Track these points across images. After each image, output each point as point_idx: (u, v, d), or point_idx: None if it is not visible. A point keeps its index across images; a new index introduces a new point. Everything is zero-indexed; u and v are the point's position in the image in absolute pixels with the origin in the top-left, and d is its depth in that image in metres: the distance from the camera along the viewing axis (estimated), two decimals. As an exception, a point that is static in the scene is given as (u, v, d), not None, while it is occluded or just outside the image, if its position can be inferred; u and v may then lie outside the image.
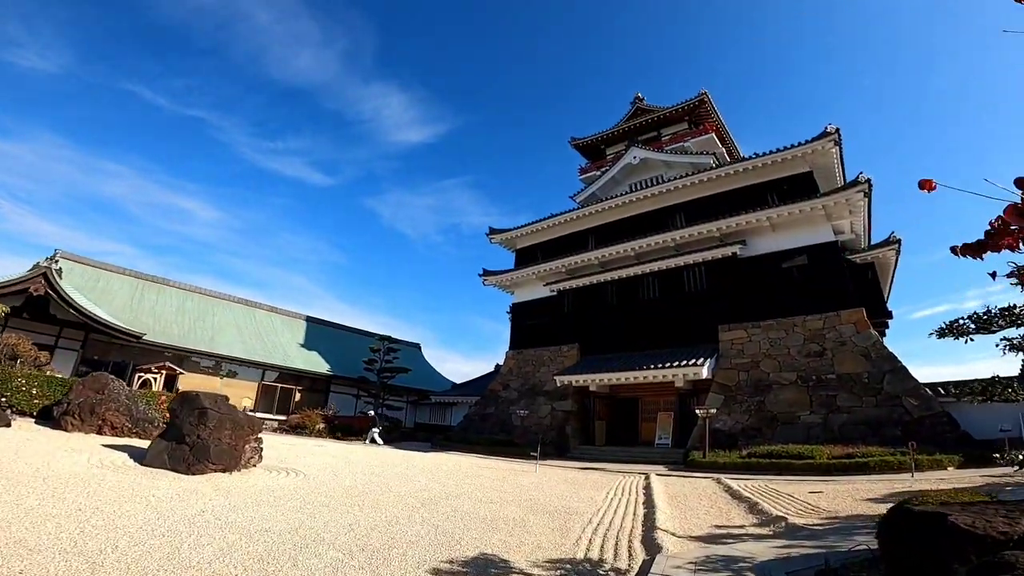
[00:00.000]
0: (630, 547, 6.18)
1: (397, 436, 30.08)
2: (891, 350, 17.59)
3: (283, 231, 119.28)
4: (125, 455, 10.88)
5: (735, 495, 10.63)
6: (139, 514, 6.08)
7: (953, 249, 2.56)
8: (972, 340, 4.85)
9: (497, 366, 33.62)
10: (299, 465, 12.72)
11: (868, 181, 18.60)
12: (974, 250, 2.50)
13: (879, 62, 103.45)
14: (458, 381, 41.30)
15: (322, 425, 25.72)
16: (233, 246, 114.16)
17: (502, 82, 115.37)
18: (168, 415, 10.34)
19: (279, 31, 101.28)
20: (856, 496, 9.87)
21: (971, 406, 15.61)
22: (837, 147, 20.37)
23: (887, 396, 16.62)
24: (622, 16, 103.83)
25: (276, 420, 29.64)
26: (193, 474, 9.24)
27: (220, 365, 31.31)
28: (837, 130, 19.98)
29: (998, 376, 5.00)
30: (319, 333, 40.78)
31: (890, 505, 8.75)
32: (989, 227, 2.51)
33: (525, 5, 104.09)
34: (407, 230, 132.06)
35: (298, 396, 33.87)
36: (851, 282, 19.77)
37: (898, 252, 20.65)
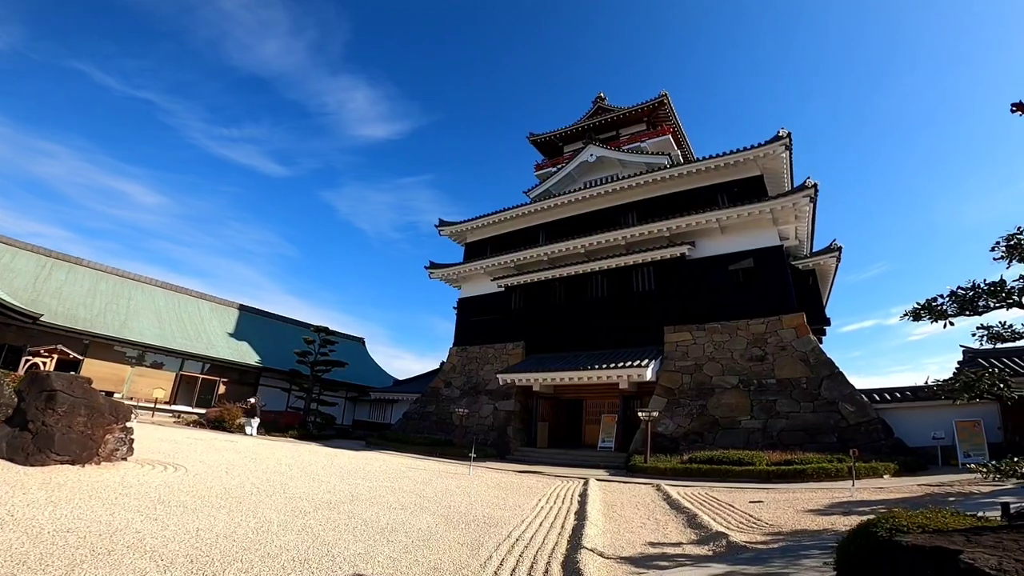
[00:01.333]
0: (547, 572, 5.14)
1: (331, 433, 28.19)
2: (829, 356, 17.58)
3: (231, 220, 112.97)
4: (-39, 447, 8.99)
5: (674, 505, 9.88)
6: None
7: (1017, 105, 1.76)
8: (952, 324, 4.17)
9: (442, 363, 32.22)
10: (188, 461, 11.05)
11: (815, 186, 18.62)
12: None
13: (831, 81, 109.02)
14: (406, 379, 39.47)
15: (243, 420, 23.55)
16: (176, 233, 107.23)
17: (472, 82, 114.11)
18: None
19: (245, 18, 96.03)
20: (798, 507, 9.29)
21: (904, 413, 15.80)
22: (788, 152, 20.35)
23: (824, 402, 16.53)
24: (598, 21, 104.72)
25: (195, 413, 27.12)
26: (32, 465, 7.58)
27: (144, 355, 28.46)
28: (789, 134, 19.94)
29: (986, 370, 4.28)
30: (252, 323, 38.04)
31: (834, 517, 8.15)
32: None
33: (504, 7, 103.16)
34: (364, 226, 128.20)
35: (223, 388, 31.27)
36: (793, 287, 19.75)
37: (838, 260, 20.87)
